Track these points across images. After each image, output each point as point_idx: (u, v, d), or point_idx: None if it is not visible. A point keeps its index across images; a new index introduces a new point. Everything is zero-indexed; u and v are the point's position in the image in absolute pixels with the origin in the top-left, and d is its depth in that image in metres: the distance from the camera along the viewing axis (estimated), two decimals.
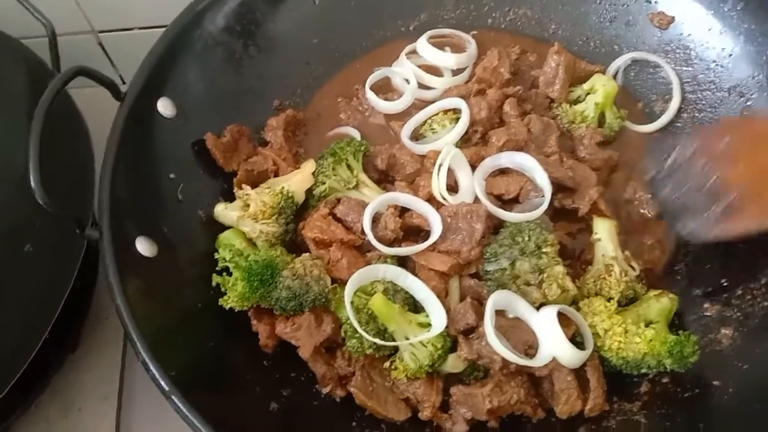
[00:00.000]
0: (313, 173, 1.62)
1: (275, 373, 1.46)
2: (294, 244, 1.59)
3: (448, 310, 1.42)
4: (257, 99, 1.79)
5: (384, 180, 1.67)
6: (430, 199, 1.53)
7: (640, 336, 1.37)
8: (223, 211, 1.60)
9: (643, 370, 1.39)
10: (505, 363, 1.35)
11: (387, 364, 1.44)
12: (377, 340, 1.37)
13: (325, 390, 1.45)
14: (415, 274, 1.46)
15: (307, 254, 1.49)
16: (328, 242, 1.51)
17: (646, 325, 1.40)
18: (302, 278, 1.42)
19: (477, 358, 1.38)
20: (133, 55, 1.59)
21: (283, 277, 1.42)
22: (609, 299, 1.44)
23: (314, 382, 1.47)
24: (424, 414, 1.42)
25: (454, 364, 1.43)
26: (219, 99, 1.71)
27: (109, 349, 1.82)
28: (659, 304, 1.45)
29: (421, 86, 1.80)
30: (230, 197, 1.64)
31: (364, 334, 1.37)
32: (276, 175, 1.68)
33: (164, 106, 1.56)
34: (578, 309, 1.44)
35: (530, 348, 1.38)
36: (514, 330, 1.39)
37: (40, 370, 1.64)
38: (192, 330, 1.43)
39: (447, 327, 1.40)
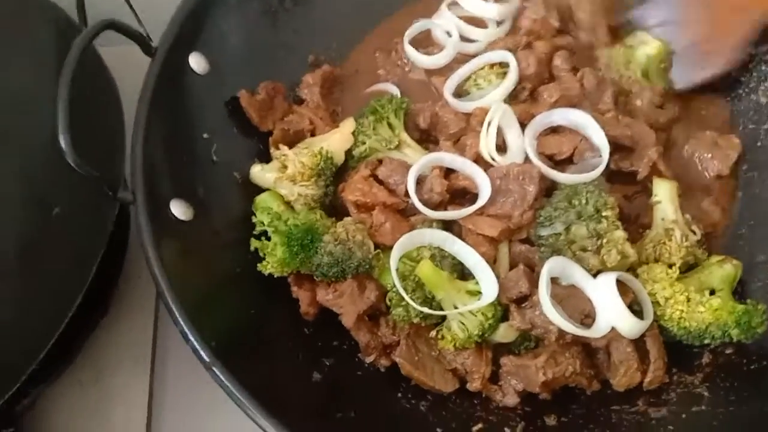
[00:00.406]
0: (353, 133, 1.54)
1: (317, 341, 1.40)
2: (333, 208, 1.53)
3: (498, 278, 1.35)
4: (292, 54, 1.71)
5: (426, 140, 1.59)
6: (477, 160, 1.45)
7: (704, 305, 1.29)
8: (259, 173, 1.53)
9: (707, 341, 1.32)
10: (561, 333, 1.29)
11: (433, 333, 1.38)
12: (425, 309, 1.31)
13: (369, 359, 1.40)
14: (463, 239, 1.38)
15: (350, 218, 1.42)
16: (370, 205, 1.44)
17: (710, 293, 1.32)
18: (345, 243, 1.35)
19: (530, 328, 1.32)
20: (160, 12, 1.50)
21: (324, 242, 1.36)
22: (670, 266, 1.36)
23: (357, 351, 1.42)
24: (474, 385, 1.36)
25: (504, 333, 1.37)
26: (253, 54, 1.63)
27: (141, 310, 1.76)
28: (722, 270, 1.37)
29: (464, 39, 1.70)
30: (266, 158, 1.57)
31: (411, 302, 1.30)
32: (313, 134, 1.61)
33: (197, 62, 1.49)
34: (636, 276, 1.36)
35: (587, 317, 1.31)
36: (570, 299, 1.32)
37: (73, 334, 1.59)
38: (231, 296, 1.38)
39: (498, 295, 1.33)
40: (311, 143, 1.54)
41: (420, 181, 1.45)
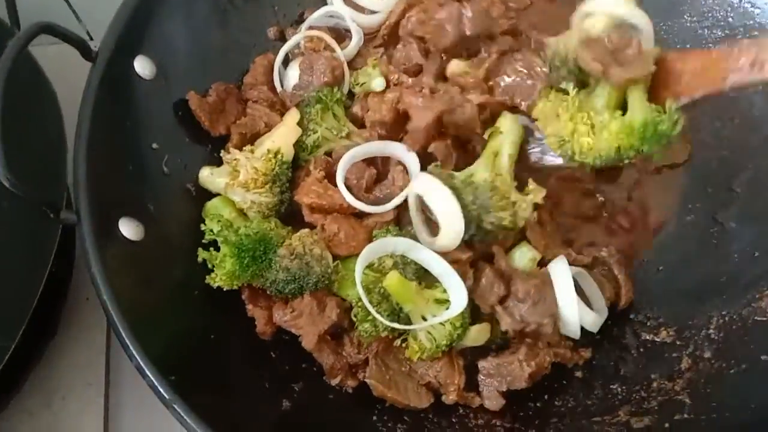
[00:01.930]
0: (299, 123, 1.45)
1: (284, 364, 1.32)
2: (290, 216, 1.44)
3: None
4: (245, 55, 1.61)
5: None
6: None
7: (608, 129, 1.19)
8: (208, 178, 1.43)
9: (626, 161, 1.23)
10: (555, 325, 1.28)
11: (398, 342, 1.31)
12: (394, 324, 1.24)
13: (334, 382, 1.32)
14: None
15: (306, 230, 1.33)
16: (327, 209, 1.36)
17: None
18: (302, 258, 1.27)
19: (524, 325, 1.28)
20: (101, 11, 1.39)
21: (279, 257, 1.27)
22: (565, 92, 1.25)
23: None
24: (450, 398, 1.31)
25: (476, 336, 1.32)
26: (203, 56, 1.53)
27: (91, 331, 1.65)
28: None
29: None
30: (218, 163, 1.47)
31: (380, 318, 1.24)
32: None
33: (143, 66, 1.39)
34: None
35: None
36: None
37: (19, 361, 1.49)
38: (189, 322, 1.29)
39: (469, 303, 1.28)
40: (258, 143, 1.45)
41: (380, 179, 1.41)
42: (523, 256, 1.37)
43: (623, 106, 1.21)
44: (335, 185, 1.38)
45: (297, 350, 1.32)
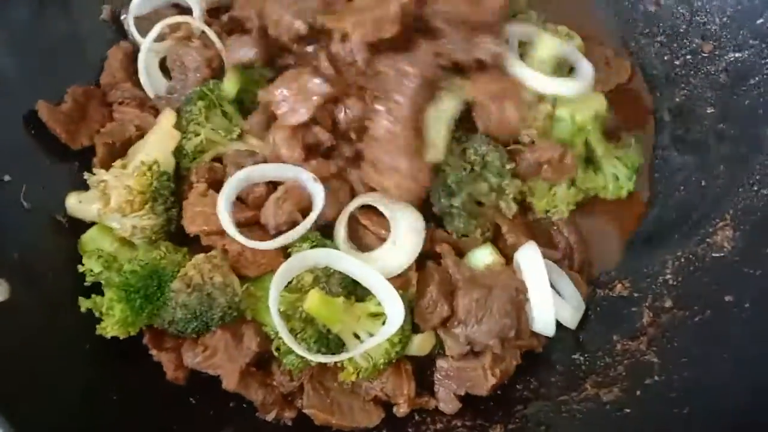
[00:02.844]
0: (177, 125, 1.24)
1: (208, 409, 1.16)
2: (183, 232, 1.21)
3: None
4: (98, 47, 1.37)
5: None
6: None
7: None
8: (77, 206, 1.22)
9: None
10: (504, 342, 1.14)
11: (331, 363, 1.15)
12: (319, 357, 1.09)
13: (270, 417, 1.17)
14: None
15: (202, 255, 1.13)
16: (220, 231, 1.15)
17: None
18: (201, 289, 1.08)
19: (470, 347, 1.16)
20: None
21: (174, 291, 1.08)
22: None
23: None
24: (401, 410, 1.18)
25: (420, 347, 1.18)
26: (43, 57, 1.29)
27: None
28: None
29: None
30: (77, 180, 1.24)
31: (303, 353, 1.07)
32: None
33: None
34: None
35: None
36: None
37: None
38: (85, 386, 1.10)
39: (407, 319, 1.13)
40: (130, 154, 1.24)
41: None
42: (482, 258, 1.23)
43: None
44: None
45: (220, 389, 1.16)
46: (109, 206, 1.15)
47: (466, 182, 1.20)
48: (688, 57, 1.42)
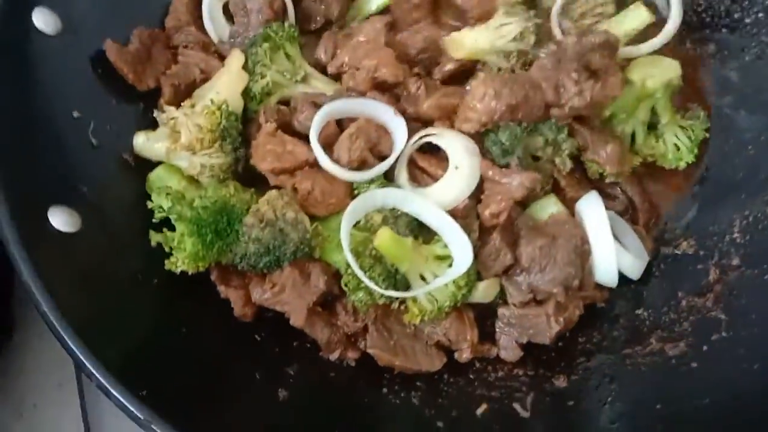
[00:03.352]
0: (244, 67, 1.25)
1: (273, 347, 1.18)
2: (250, 175, 1.24)
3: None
4: None
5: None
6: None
7: None
8: (145, 144, 1.24)
9: None
10: (567, 291, 1.13)
11: (395, 305, 1.17)
12: (391, 292, 1.09)
13: (333, 356, 1.19)
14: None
15: (275, 191, 1.14)
16: (290, 169, 1.18)
17: None
18: (273, 225, 1.10)
19: (533, 295, 1.16)
20: None
21: (247, 226, 1.10)
22: None
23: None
24: (463, 356, 1.19)
25: (484, 293, 1.19)
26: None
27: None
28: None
29: None
30: (154, 125, 1.26)
31: (374, 286, 1.08)
32: (207, 81, 1.29)
33: (43, 20, 1.18)
34: None
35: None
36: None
37: None
38: (154, 319, 1.12)
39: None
40: (198, 96, 1.25)
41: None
42: (547, 208, 1.22)
43: None
44: (293, 136, 1.20)
45: (285, 327, 1.17)
46: (179, 143, 1.17)
47: (520, 138, 1.18)
48: (761, 15, 1.39)
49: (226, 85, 1.23)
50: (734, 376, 1.09)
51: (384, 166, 1.17)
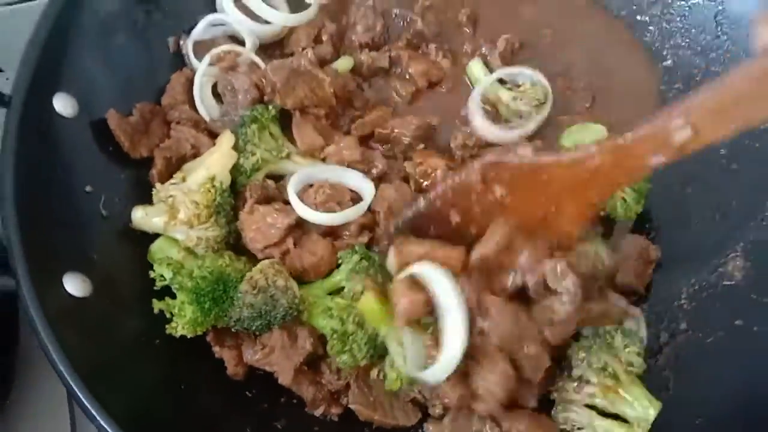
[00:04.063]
0: (235, 147, 1.35)
1: (263, 402, 1.26)
2: (239, 244, 1.34)
3: None
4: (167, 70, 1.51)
5: None
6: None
7: None
8: (143, 219, 1.31)
9: None
10: None
11: (374, 374, 1.27)
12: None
13: (318, 412, 1.27)
14: None
15: (267, 261, 1.25)
16: (279, 240, 1.29)
17: None
18: (266, 291, 1.19)
19: None
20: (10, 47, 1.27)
21: (242, 293, 1.20)
22: None
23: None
24: (437, 411, 1.26)
25: None
26: (128, 83, 1.43)
27: (48, 386, 1.52)
28: None
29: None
30: (145, 192, 1.35)
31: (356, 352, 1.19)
32: (197, 156, 1.41)
33: (63, 104, 1.29)
34: None
35: None
36: None
37: None
38: (155, 375, 1.21)
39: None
40: (188, 170, 1.35)
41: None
42: None
43: None
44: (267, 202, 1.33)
45: (274, 384, 1.26)
46: (178, 219, 1.27)
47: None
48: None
49: (217, 162, 1.32)
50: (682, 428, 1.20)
51: (355, 210, 1.30)
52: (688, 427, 1.18)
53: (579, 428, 1.21)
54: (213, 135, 1.42)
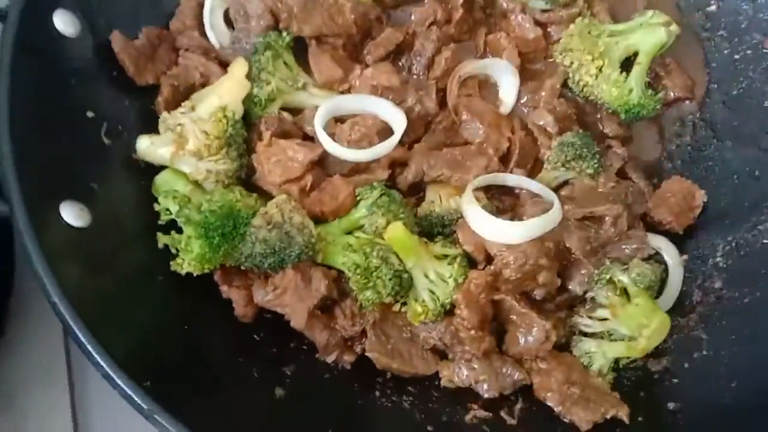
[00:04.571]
0: (247, 75, 1.27)
1: (272, 347, 1.19)
2: (250, 182, 1.27)
3: None
4: None
5: None
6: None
7: (607, 83, 1.32)
8: (149, 149, 1.24)
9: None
10: None
11: (397, 307, 1.20)
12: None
13: (330, 359, 1.21)
14: None
15: (284, 196, 1.17)
16: (300, 175, 1.21)
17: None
18: (281, 227, 1.12)
19: None
20: None
21: (255, 227, 1.12)
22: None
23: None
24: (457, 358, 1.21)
25: None
26: (135, 4, 1.34)
27: (44, 321, 1.46)
28: (652, 37, 1.34)
29: None
30: (151, 122, 1.27)
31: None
32: (205, 86, 1.32)
33: (65, 22, 1.20)
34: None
35: None
36: None
37: None
38: (158, 315, 1.14)
39: None
40: (198, 98, 1.26)
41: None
42: None
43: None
44: (288, 136, 1.25)
45: (283, 329, 1.19)
46: (187, 149, 1.19)
47: None
48: (749, 52, 1.45)
49: (229, 91, 1.24)
50: (714, 392, 1.14)
51: (387, 145, 1.22)
52: (724, 390, 1.12)
53: (593, 356, 1.21)
54: (224, 65, 1.33)
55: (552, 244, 1.18)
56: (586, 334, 1.22)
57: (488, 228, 1.17)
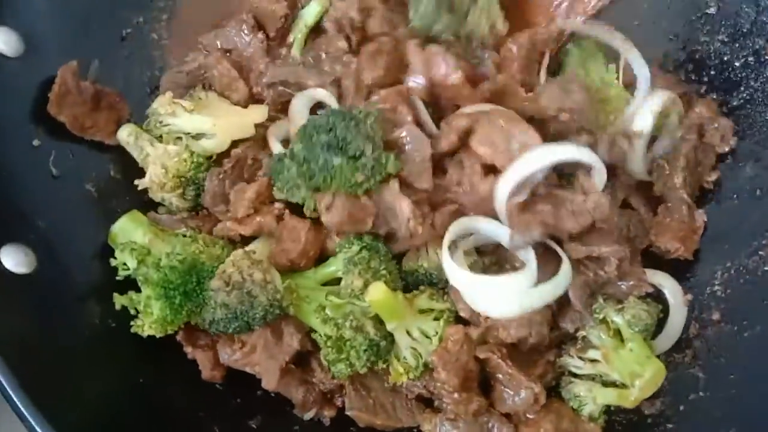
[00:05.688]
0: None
1: (235, 397, 1.12)
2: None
3: None
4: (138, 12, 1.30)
5: None
6: None
7: None
8: (129, 139, 1.19)
9: None
10: None
11: (380, 365, 1.11)
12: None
13: (308, 416, 1.14)
14: None
15: (240, 251, 1.07)
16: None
17: None
18: (241, 287, 1.02)
19: None
20: None
21: (213, 290, 1.03)
22: None
23: (289, 400, 1.14)
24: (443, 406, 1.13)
25: None
26: (85, 24, 1.23)
27: None
28: None
29: None
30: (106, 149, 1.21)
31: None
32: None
33: (5, 40, 1.12)
34: None
35: None
36: None
37: None
38: (105, 370, 1.05)
39: None
40: (198, 100, 1.21)
41: None
42: None
43: None
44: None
45: (247, 377, 1.12)
46: (143, 180, 1.15)
47: None
48: (750, 59, 1.36)
49: (228, 127, 1.17)
50: None
51: None
52: None
53: (583, 400, 1.14)
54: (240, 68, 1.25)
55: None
56: (576, 375, 1.15)
57: (482, 302, 1.08)
